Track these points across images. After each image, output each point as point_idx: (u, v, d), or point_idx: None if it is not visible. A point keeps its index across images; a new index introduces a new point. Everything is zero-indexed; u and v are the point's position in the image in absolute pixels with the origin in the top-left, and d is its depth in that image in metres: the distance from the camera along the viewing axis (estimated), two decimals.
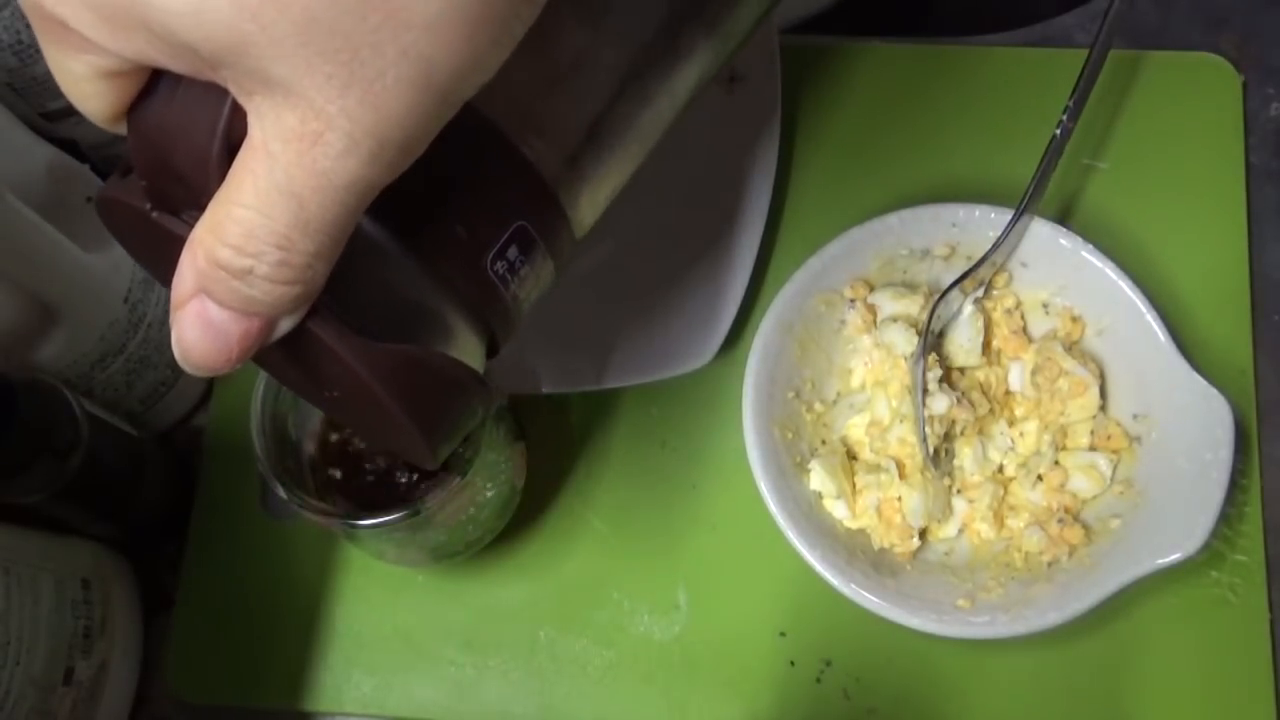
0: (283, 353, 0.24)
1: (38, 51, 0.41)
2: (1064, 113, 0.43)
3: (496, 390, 0.26)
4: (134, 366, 0.45)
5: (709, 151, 0.50)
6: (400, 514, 0.36)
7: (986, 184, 0.46)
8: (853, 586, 0.40)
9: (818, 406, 0.46)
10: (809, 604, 0.45)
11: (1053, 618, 0.39)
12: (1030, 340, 0.46)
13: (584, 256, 0.50)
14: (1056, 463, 0.44)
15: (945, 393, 0.43)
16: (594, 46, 0.27)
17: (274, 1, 0.18)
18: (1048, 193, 0.45)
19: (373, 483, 0.41)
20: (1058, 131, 0.43)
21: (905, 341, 0.44)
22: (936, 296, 0.44)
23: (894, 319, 0.45)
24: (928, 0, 0.63)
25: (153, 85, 0.22)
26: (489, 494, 0.41)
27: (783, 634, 0.45)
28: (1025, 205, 0.44)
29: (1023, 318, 0.46)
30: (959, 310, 0.45)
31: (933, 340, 0.45)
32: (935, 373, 0.44)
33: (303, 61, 0.19)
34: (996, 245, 0.44)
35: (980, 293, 0.46)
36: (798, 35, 0.54)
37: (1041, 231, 0.44)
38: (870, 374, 0.46)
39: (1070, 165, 0.49)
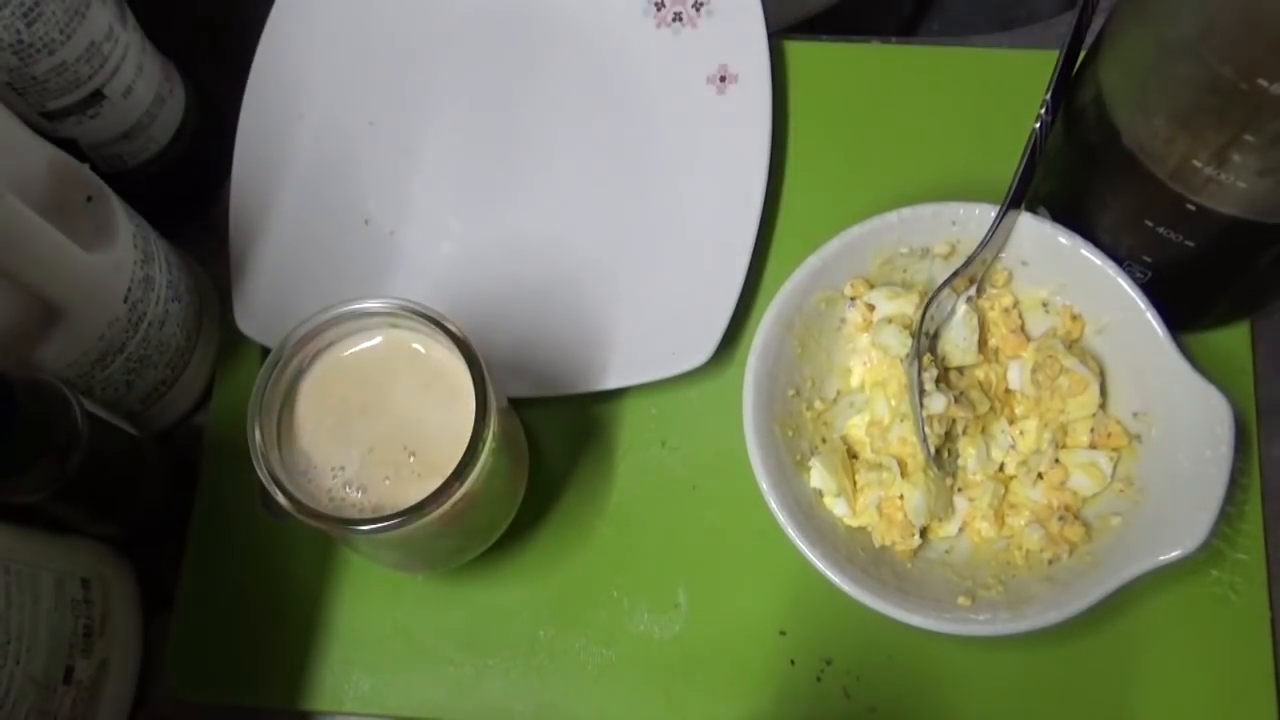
0: None
1: (38, 51, 0.41)
2: (1041, 107, 0.43)
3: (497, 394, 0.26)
4: (134, 366, 0.45)
5: (702, 150, 0.50)
6: (398, 519, 0.36)
7: (986, 184, 0.46)
8: (853, 584, 0.40)
9: (818, 404, 0.46)
10: (809, 603, 0.45)
11: (1053, 615, 0.39)
12: (1028, 339, 0.46)
13: (581, 257, 0.50)
14: (1057, 461, 0.44)
15: (942, 392, 0.43)
16: None
17: None
18: (1048, 191, 0.46)
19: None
20: (1036, 125, 0.43)
21: (899, 343, 0.44)
22: (928, 297, 0.44)
23: (889, 320, 0.45)
24: (927, 0, 0.63)
25: None
26: (488, 499, 0.41)
27: (783, 633, 0.45)
28: (1009, 201, 0.44)
29: (1020, 316, 0.46)
30: (952, 310, 0.45)
31: (927, 341, 0.45)
32: (931, 373, 0.44)
33: None
34: (984, 243, 0.44)
35: (973, 291, 0.46)
36: (796, 35, 0.54)
37: (1041, 230, 0.44)
38: (869, 374, 0.46)
39: None
